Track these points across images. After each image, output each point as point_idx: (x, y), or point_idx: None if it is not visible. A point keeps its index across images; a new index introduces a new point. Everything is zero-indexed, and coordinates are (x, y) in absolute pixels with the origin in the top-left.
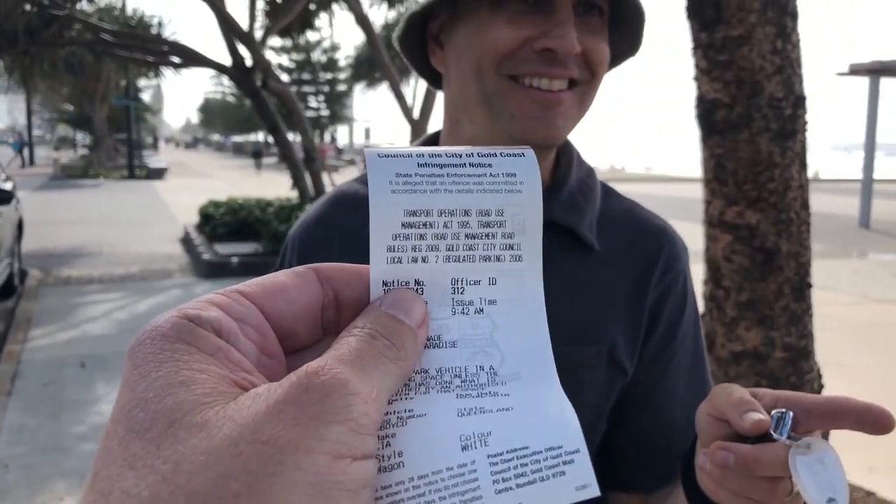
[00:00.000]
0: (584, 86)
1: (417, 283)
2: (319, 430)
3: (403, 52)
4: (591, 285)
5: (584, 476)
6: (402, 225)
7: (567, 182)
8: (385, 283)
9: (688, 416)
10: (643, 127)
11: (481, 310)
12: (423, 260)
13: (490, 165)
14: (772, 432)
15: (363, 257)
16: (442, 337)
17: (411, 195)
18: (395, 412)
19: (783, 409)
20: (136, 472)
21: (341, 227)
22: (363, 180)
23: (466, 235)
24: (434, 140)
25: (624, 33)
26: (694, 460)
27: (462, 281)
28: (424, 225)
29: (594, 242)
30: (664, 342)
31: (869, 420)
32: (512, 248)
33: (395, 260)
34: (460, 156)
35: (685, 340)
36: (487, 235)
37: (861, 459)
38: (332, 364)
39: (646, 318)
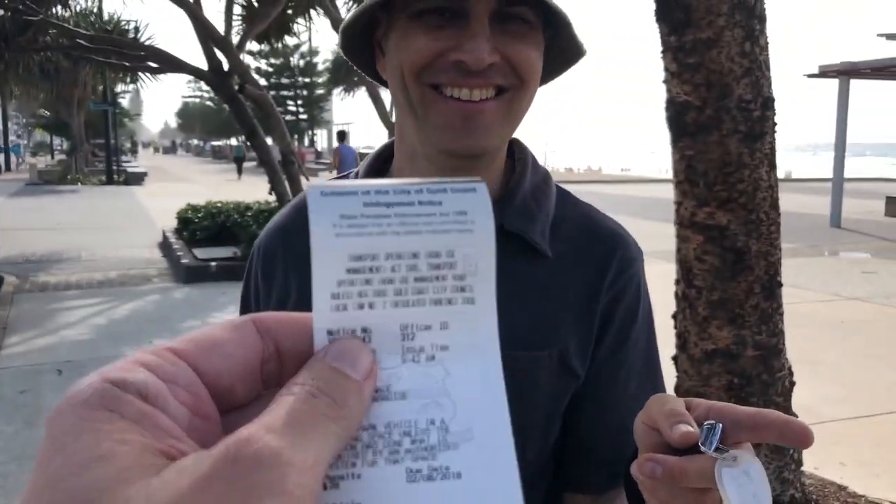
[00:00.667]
0: (512, 92)
1: (364, 330)
2: None
3: (353, 60)
4: (541, 290)
5: None
6: (348, 270)
7: (520, 188)
8: (330, 332)
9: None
10: (618, 124)
11: (433, 356)
12: (370, 306)
13: (440, 203)
14: (700, 444)
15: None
16: (391, 387)
17: (357, 238)
18: (337, 477)
19: (713, 421)
20: None
21: (306, 236)
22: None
23: (416, 279)
24: (390, 148)
25: (563, 38)
26: None
27: (412, 327)
28: (371, 269)
29: (546, 248)
30: (616, 345)
31: (789, 434)
32: (464, 291)
33: (341, 307)
34: (409, 192)
35: (637, 343)
36: (438, 278)
37: (833, 454)
38: (264, 431)
39: (597, 323)
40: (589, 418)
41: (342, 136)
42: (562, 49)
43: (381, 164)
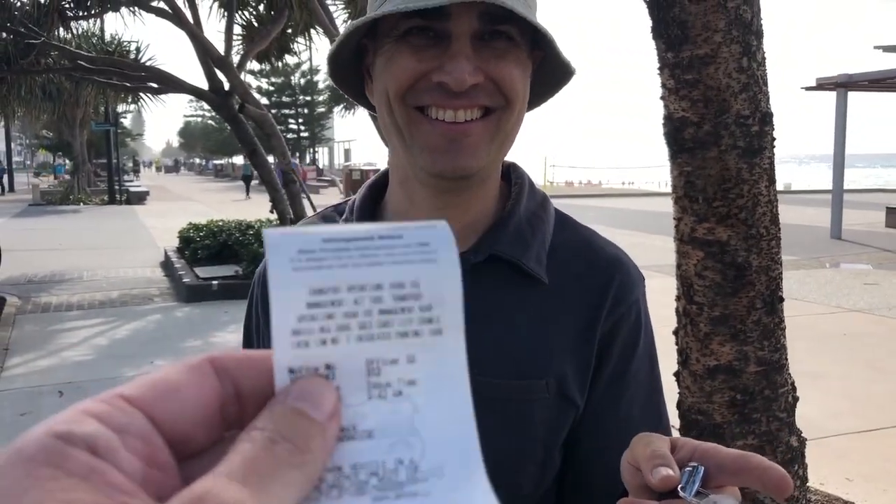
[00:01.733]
0: (499, 112)
1: (328, 367)
2: None
3: (343, 88)
4: (537, 318)
5: None
6: (308, 305)
7: (515, 214)
8: (292, 371)
9: None
10: (615, 136)
11: (400, 392)
12: (334, 341)
13: (401, 237)
14: (679, 489)
15: None
16: (357, 426)
17: (316, 272)
18: None
19: (695, 464)
20: None
21: None
22: (323, 216)
23: (380, 311)
24: (386, 176)
25: (551, 58)
26: None
27: (378, 362)
28: (333, 303)
29: (542, 275)
30: (616, 373)
31: (768, 481)
32: (431, 322)
33: (302, 344)
34: (369, 230)
35: (640, 372)
36: (403, 310)
37: (838, 469)
38: (221, 484)
39: (595, 351)
40: (590, 448)
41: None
42: (552, 70)
43: (377, 192)
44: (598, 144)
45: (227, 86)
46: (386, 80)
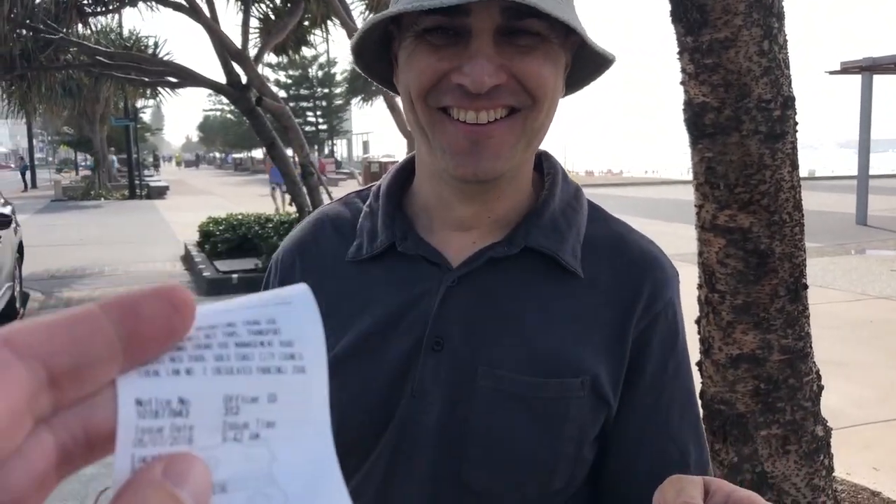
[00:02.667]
0: (525, 111)
1: (181, 401)
2: None
3: (368, 73)
4: (573, 314)
5: None
6: None
7: (549, 205)
8: (140, 402)
9: (680, 450)
10: (646, 138)
11: (257, 435)
12: (188, 372)
13: (258, 299)
14: None
15: (341, 280)
16: (211, 475)
17: None
18: None
19: None
20: None
21: (323, 249)
22: (346, 202)
23: (237, 344)
24: (413, 161)
25: (585, 50)
26: None
27: (237, 399)
28: (183, 338)
29: (577, 268)
30: (655, 375)
31: None
32: (293, 358)
33: (151, 373)
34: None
35: (678, 373)
36: (262, 343)
37: (865, 459)
38: None
39: (629, 349)
40: (629, 450)
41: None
42: (590, 55)
43: (404, 178)
44: (610, 144)
45: (244, 79)
46: (408, 78)
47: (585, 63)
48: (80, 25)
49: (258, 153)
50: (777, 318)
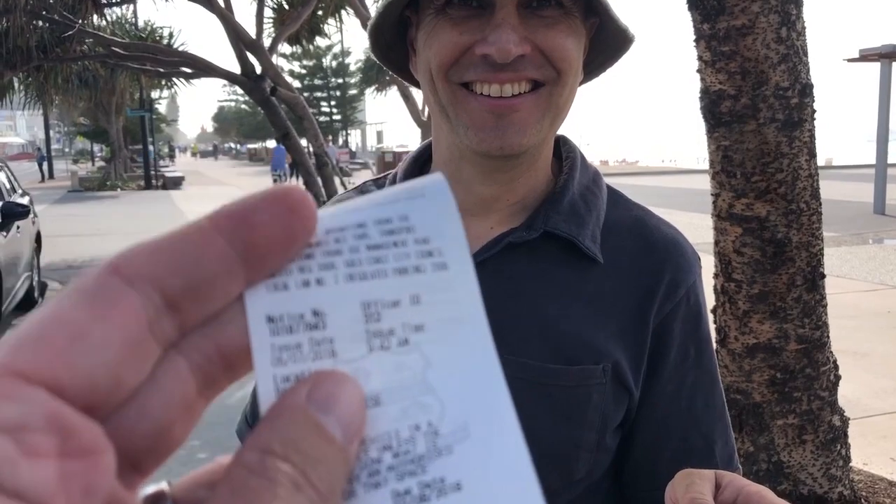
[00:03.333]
0: (549, 86)
1: (315, 314)
2: None
3: (385, 62)
4: (593, 299)
5: None
6: None
7: (568, 189)
8: (271, 319)
9: (705, 439)
10: (660, 117)
11: (405, 340)
12: (319, 282)
13: (386, 189)
14: None
15: None
16: (363, 395)
17: None
18: None
19: None
20: None
21: None
22: (362, 189)
23: (368, 246)
24: (428, 149)
25: (608, 25)
26: None
27: (376, 304)
28: (308, 247)
29: (597, 254)
30: (678, 362)
31: None
32: (431, 255)
33: (280, 286)
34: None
35: (701, 359)
36: (395, 244)
37: (882, 449)
38: None
39: (650, 335)
40: (652, 438)
41: (278, 140)
42: (608, 38)
43: (420, 166)
44: (625, 133)
45: (258, 69)
46: (428, 55)
47: (603, 47)
48: (95, 16)
49: (273, 143)
50: (794, 308)
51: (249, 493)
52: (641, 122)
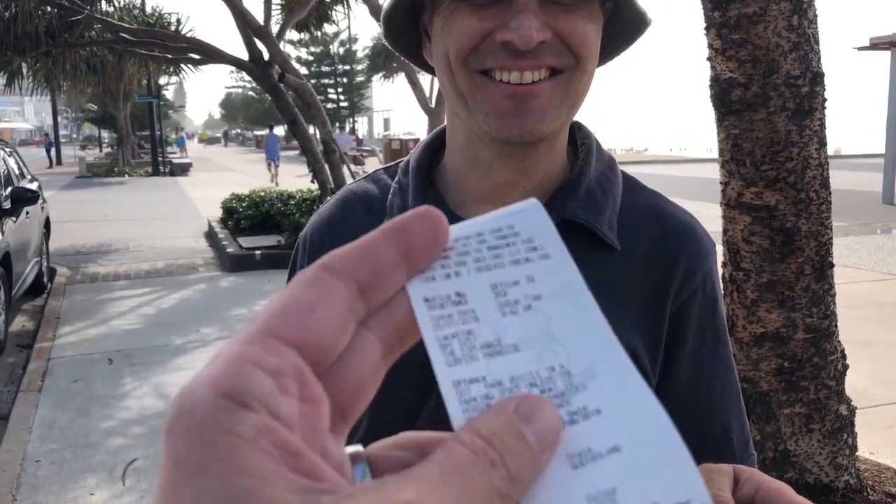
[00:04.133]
0: (569, 73)
1: (458, 294)
2: None
3: (398, 49)
4: (611, 286)
5: None
6: None
7: (585, 176)
8: (427, 300)
9: (722, 425)
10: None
11: (529, 306)
12: (457, 274)
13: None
14: None
15: None
16: (502, 341)
17: None
18: None
19: None
20: None
21: (352, 227)
22: (374, 178)
23: (488, 248)
24: (440, 137)
25: (624, 9)
26: None
27: (501, 285)
28: (444, 250)
29: (614, 241)
30: (695, 349)
31: None
32: (536, 250)
33: (429, 279)
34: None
35: (717, 346)
36: (508, 244)
37: (888, 438)
38: (426, 498)
39: (667, 322)
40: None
41: (271, 127)
42: (624, 22)
43: (433, 153)
44: (633, 121)
45: (266, 56)
46: (446, 42)
47: (618, 31)
48: (103, 2)
49: (280, 130)
50: (802, 297)
51: (456, 457)
52: (652, 110)
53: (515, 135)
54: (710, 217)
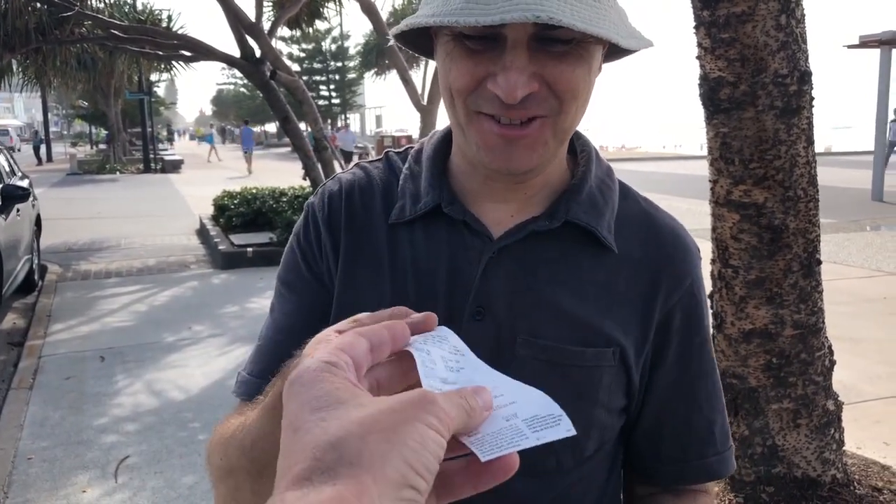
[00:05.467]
0: (553, 116)
1: (429, 353)
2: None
3: (409, 46)
4: (606, 287)
5: (569, 426)
6: (423, 362)
7: (586, 182)
8: (417, 349)
9: (706, 419)
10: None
11: (462, 368)
12: (425, 344)
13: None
14: None
15: (381, 240)
16: (447, 379)
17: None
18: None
19: None
20: (326, 422)
21: (364, 202)
22: (388, 159)
23: (434, 340)
24: (446, 140)
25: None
26: None
27: (445, 357)
28: (432, 360)
29: (612, 244)
30: (682, 350)
31: None
32: (457, 350)
33: (413, 343)
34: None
35: (703, 348)
36: (441, 343)
37: (875, 433)
38: (439, 395)
39: (655, 323)
40: (656, 420)
41: (246, 122)
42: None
43: (447, 146)
44: (625, 119)
45: (258, 53)
46: (448, 77)
47: (618, 48)
48: None
49: (271, 127)
50: (790, 294)
51: (445, 393)
52: (646, 108)
53: (503, 169)
54: (700, 214)
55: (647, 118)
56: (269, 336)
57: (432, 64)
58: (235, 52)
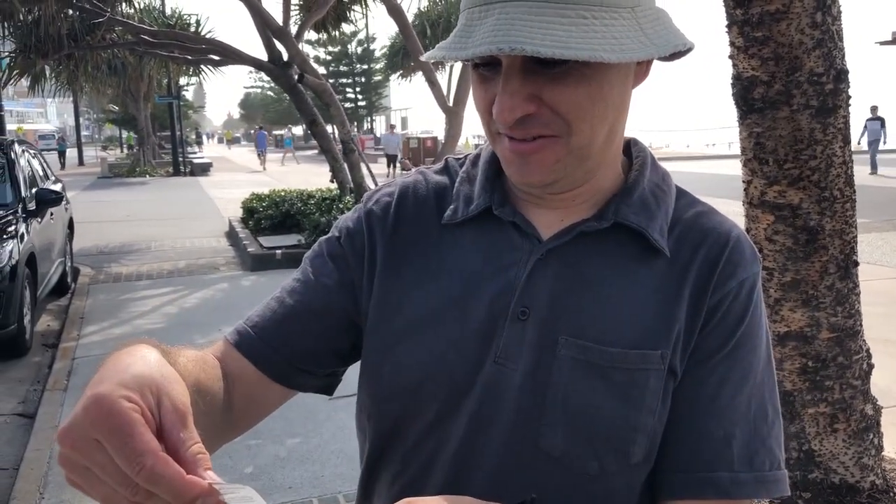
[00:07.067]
0: (564, 137)
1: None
2: None
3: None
4: (656, 290)
5: None
6: None
7: (639, 184)
8: (220, 484)
9: (725, 430)
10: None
11: (248, 498)
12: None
13: None
14: None
15: (432, 239)
16: None
17: None
18: None
19: None
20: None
21: (417, 201)
22: (447, 165)
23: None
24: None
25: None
26: None
27: (234, 497)
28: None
29: (664, 247)
30: (711, 351)
31: None
32: (252, 498)
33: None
34: None
35: (737, 352)
36: (234, 490)
37: None
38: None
39: (700, 324)
40: (673, 420)
41: (261, 127)
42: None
43: (499, 164)
44: (655, 118)
45: (285, 56)
46: (474, 97)
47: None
48: (124, 4)
49: (298, 130)
50: (826, 296)
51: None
52: (678, 108)
53: (522, 182)
54: (731, 215)
55: (677, 118)
56: (277, 296)
57: (458, 66)
58: (263, 56)
